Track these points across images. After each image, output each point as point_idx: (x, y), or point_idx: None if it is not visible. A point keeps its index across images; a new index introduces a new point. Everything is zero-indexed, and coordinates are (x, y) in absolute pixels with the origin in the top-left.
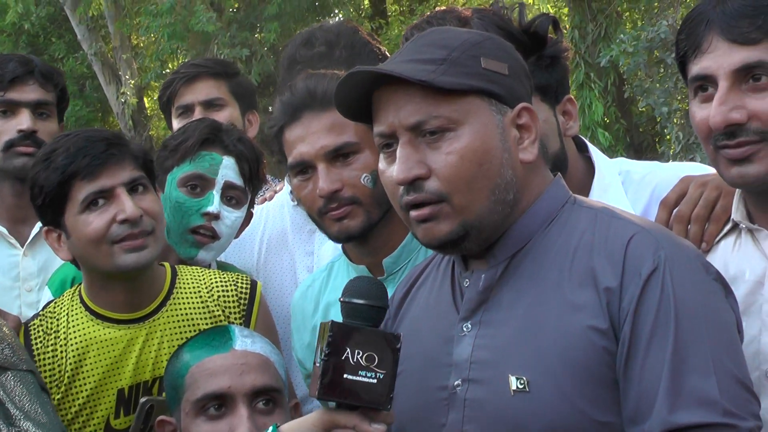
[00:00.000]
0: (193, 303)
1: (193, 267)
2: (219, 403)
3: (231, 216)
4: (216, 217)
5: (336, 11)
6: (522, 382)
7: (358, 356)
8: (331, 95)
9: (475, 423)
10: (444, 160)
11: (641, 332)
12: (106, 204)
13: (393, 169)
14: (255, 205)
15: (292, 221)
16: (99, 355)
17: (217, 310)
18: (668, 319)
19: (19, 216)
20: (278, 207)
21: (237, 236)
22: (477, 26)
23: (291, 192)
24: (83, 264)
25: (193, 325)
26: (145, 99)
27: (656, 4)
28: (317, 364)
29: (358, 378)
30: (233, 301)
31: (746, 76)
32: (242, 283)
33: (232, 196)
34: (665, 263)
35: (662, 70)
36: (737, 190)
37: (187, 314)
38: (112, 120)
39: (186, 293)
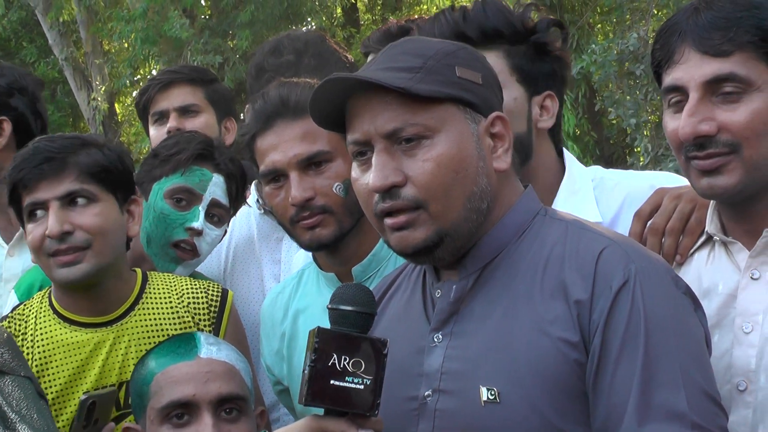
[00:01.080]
0: (162, 309)
1: (165, 274)
2: (183, 411)
3: (212, 234)
4: (199, 233)
5: (309, 19)
6: (493, 393)
7: (345, 362)
8: (303, 104)
9: None
10: (421, 167)
11: (611, 345)
12: (44, 216)
13: (367, 177)
14: None
15: (259, 229)
16: (65, 358)
17: (187, 317)
18: (638, 332)
19: (11, 216)
20: (245, 215)
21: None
22: (477, 7)
23: (257, 200)
24: (43, 270)
25: (162, 330)
26: (116, 105)
27: (628, 16)
28: (305, 371)
29: (344, 384)
30: (203, 308)
31: (717, 88)
32: (213, 290)
33: (215, 214)
34: (636, 277)
35: (632, 81)
36: (711, 202)
37: (155, 319)
38: (83, 125)
39: (156, 299)
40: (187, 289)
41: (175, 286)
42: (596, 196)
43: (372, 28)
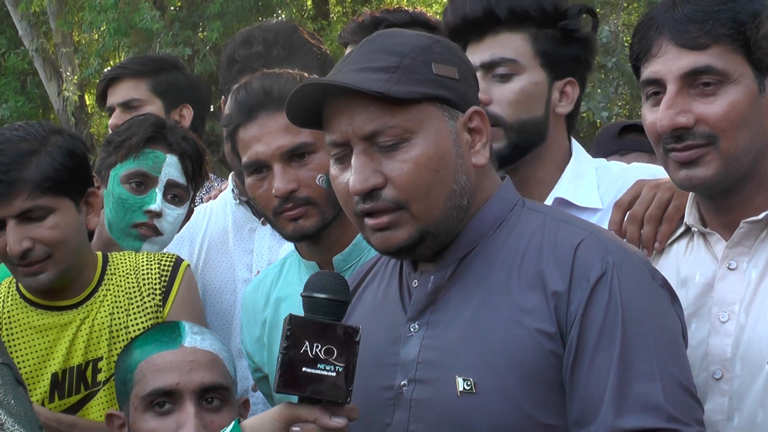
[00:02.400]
0: (122, 288)
1: (125, 252)
2: (166, 399)
3: (173, 213)
4: (158, 214)
5: (279, 11)
6: (469, 383)
7: (317, 349)
8: (287, 95)
9: (420, 423)
10: (400, 168)
11: (588, 337)
12: (3, 231)
13: (346, 177)
14: (200, 203)
15: (234, 219)
16: (33, 340)
17: (144, 294)
18: (615, 324)
19: None
20: (221, 205)
21: (177, 232)
22: None
23: (233, 190)
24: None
25: (123, 308)
26: (86, 96)
27: (599, 9)
28: (278, 359)
29: (316, 371)
30: (155, 278)
31: (694, 80)
32: (166, 260)
33: (174, 194)
34: (613, 269)
35: (603, 75)
36: (690, 194)
37: (116, 299)
38: (53, 117)
39: (117, 278)
40: (143, 263)
41: (133, 262)
42: (599, 181)
43: (343, 20)
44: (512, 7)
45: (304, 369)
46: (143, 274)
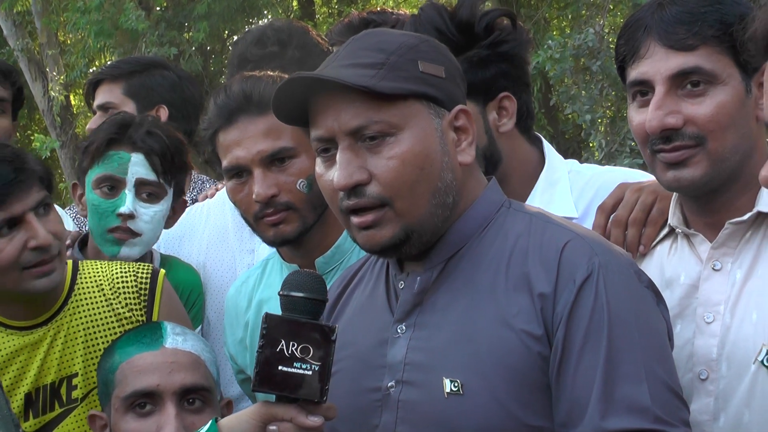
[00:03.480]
0: (95, 300)
1: (96, 261)
2: (146, 400)
3: (149, 212)
4: (130, 216)
5: (265, 12)
6: (456, 384)
7: (293, 348)
8: (267, 99)
9: (407, 424)
10: (385, 165)
11: (574, 338)
12: (16, 229)
13: (332, 174)
14: (197, 201)
15: (234, 219)
16: (5, 364)
17: (120, 307)
18: (601, 326)
19: None
20: (220, 204)
21: (169, 226)
22: (411, 23)
23: None
24: None
25: (97, 322)
26: (71, 96)
27: (584, 12)
28: (255, 357)
29: (292, 370)
30: (133, 294)
31: (683, 81)
32: (142, 272)
33: (148, 192)
34: (599, 270)
35: (588, 77)
36: (674, 195)
37: (89, 312)
38: (38, 117)
39: (87, 290)
40: (117, 275)
41: (106, 273)
42: (572, 187)
43: (329, 21)
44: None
45: (280, 367)
46: (118, 286)
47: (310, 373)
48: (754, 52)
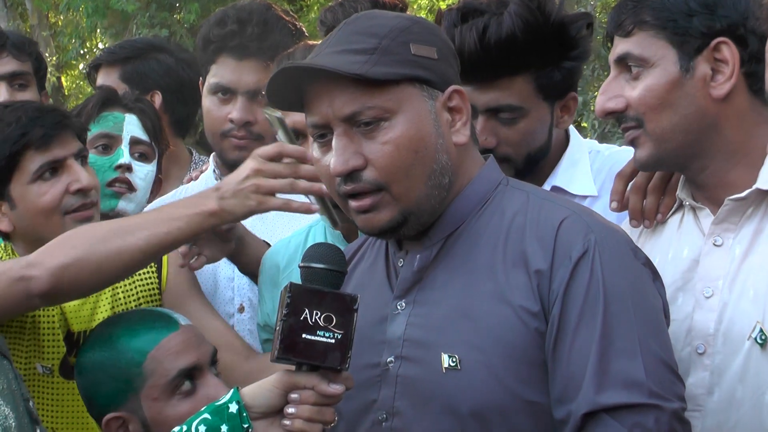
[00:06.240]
0: None
1: None
2: (190, 377)
3: (143, 169)
4: (129, 168)
5: None
6: (454, 360)
7: (317, 317)
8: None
9: (406, 399)
10: (380, 149)
11: (570, 315)
12: (58, 174)
13: (328, 159)
14: (181, 184)
15: None
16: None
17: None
18: (597, 302)
19: None
20: (202, 186)
21: (150, 201)
22: (512, 15)
23: (214, 170)
24: (27, 236)
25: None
26: (62, 78)
27: None
28: (277, 327)
29: (315, 338)
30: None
31: (625, 66)
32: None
33: (140, 151)
34: (595, 247)
35: None
36: None
37: None
38: None
39: None
40: None
41: None
42: (591, 164)
43: (320, 2)
44: (510, 57)
45: (303, 336)
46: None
47: (332, 341)
48: (693, 33)
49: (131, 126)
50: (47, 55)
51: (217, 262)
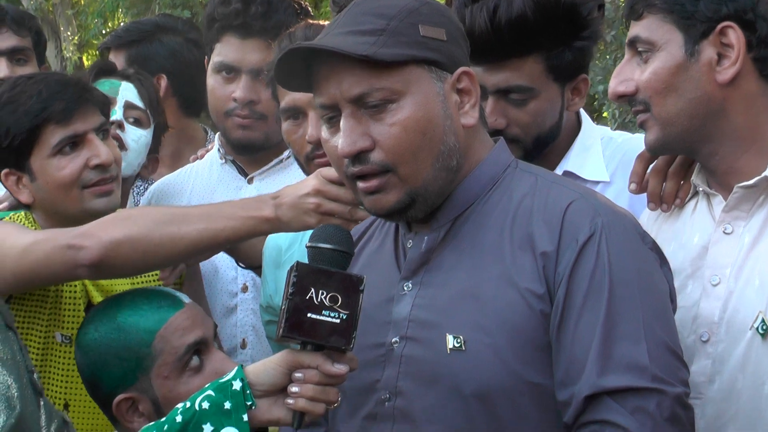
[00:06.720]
0: None
1: None
2: (198, 353)
3: (135, 132)
4: (120, 125)
5: None
6: (459, 341)
7: (322, 296)
8: None
9: (409, 379)
10: (388, 131)
11: (575, 297)
12: (78, 149)
13: (337, 140)
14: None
15: (220, 178)
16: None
17: None
18: (602, 285)
19: None
20: (207, 165)
21: (143, 177)
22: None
23: (219, 149)
24: (46, 208)
25: None
26: (84, 57)
27: None
28: (282, 306)
29: (321, 317)
30: None
31: (636, 50)
32: None
33: (134, 116)
34: (602, 230)
35: (602, 47)
36: None
37: None
38: None
39: None
40: None
41: None
42: (603, 151)
43: None
44: (521, 36)
45: (309, 315)
46: None
47: (338, 321)
48: (700, 18)
49: (126, 92)
50: (69, 34)
51: None
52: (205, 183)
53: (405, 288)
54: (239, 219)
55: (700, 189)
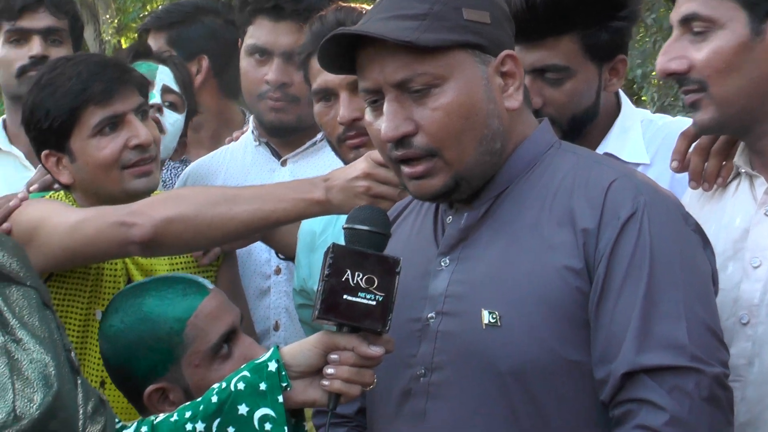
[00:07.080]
0: None
1: None
2: (228, 340)
3: (172, 116)
4: (159, 109)
5: None
6: (494, 316)
7: (358, 278)
8: None
9: (445, 354)
10: (431, 116)
11: (615, 275)
12: (117, 129)
13: (380, 124)
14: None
15: (254, 160)
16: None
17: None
18: (643, 263)
19: None
20: (242, 147)
21: (174, 158)
22: None
23: (253, 131)
24: (86, 188)
25: None
26: (122, 41)
27: None
28: (319, 287)
29: (357, 299)
30: None
31: (690, 27)
32: None
33: (170, 100)
34: (644, 209)
35: (643, 30)
36: None
37: None
38: None
39: None
40: None
41: None
42: (644, 134)
43: None
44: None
45: (345, 296)
46: None
47: (373, 303)
48: None
49: (164, 75)
50: (108, 17)
51: None
52: (239, 165)
53: (442, 264)
54: (290, 201)
55: (743, 170)
